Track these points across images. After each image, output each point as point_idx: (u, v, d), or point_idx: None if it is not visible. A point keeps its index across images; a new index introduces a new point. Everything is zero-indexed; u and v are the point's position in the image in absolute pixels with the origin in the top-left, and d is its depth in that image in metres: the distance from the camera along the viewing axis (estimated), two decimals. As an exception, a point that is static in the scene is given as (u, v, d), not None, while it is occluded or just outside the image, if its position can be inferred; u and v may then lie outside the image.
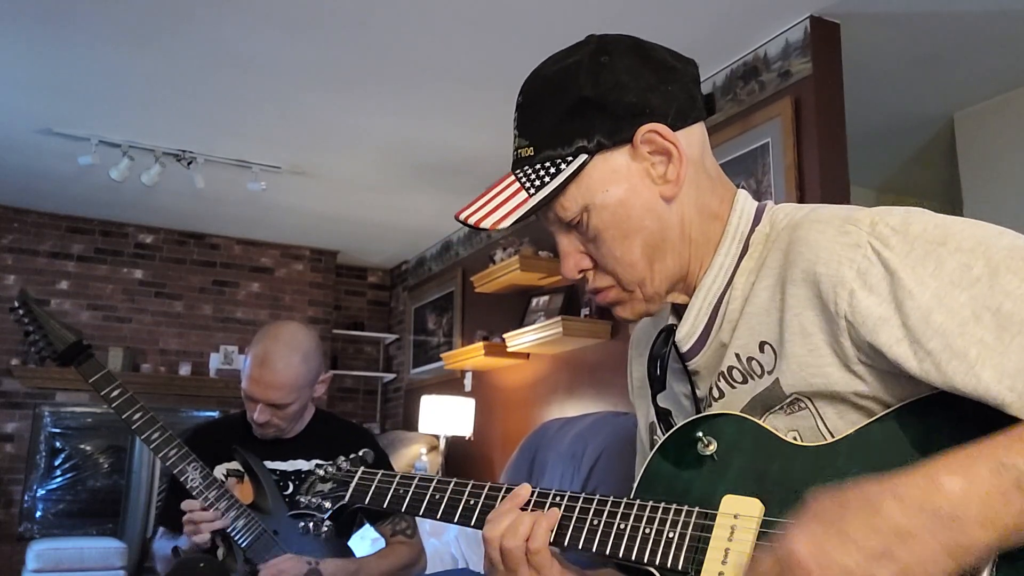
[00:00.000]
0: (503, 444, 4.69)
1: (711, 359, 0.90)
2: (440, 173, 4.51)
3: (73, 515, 5.25)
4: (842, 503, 0.65)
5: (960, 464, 0.64)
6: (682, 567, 0.78)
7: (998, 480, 0.62)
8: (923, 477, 0.64)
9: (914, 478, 0.64)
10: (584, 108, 0.86)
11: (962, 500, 0.62)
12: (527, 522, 0.86)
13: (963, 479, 0.63)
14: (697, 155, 0.90)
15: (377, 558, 2.00)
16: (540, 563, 0.85)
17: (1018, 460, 0.62)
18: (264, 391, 1.89)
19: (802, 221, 0.83)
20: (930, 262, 0.72)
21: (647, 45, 0.90)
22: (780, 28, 2.99)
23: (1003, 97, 3.51)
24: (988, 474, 0.62)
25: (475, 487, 0.97)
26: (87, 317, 5.48)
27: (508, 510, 0.89)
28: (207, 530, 1.76)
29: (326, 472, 1.13)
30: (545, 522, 0.86)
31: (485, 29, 3.04)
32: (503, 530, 0.87)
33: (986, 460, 0.63)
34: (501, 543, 0.86)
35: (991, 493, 0.62)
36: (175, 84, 3.57)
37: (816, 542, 0.64)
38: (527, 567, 0.85)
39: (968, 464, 0.63)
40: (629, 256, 0.88)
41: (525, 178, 0.87)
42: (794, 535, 0.66)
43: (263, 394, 1.89)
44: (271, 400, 1.90)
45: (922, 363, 0.71)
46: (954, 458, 0.64)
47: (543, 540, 0.85)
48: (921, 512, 0.62)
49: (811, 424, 0.81)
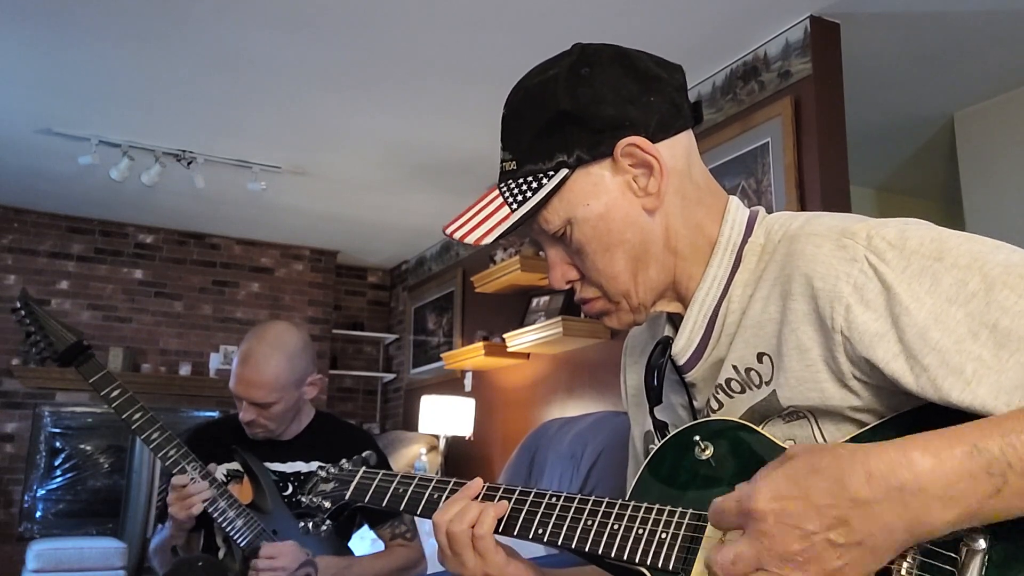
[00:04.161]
0: (503, 444, 4.69)
1: (708, 371, 0.90)
2: (440, 173, 4.51)
3: (73, 515, 5.26)
4: (814, 466, 0.66)
5: (935, 443, 0.64)
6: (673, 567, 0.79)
7: (969, 462, 0.63)
8: (897, 451, 0.65)
9: (887, 452, 0.65)
10: (563, 122, 0.86)
11: (929, 478, 0.63)
12: (474, 509, 0.91)
13: (934, 458, 0.63)
14: (682, 165, 0.89)
15: (372, 558, 2.00)
16: (484, 548, 0.89)
17: (991, 445, 0.63)
18: (247, 389, 1.90)
19: (798, 234, 0.83)
20: (926, 278, 0.72)
21: (631, 55, 0.89)
22: (780, 28, 2.99)
23: (1003, 97, 3.51)
24: (961, 455, 0.63)
25: None
26: (87, 317, 5.48)
27: (459, 499, 0.93)
28: (200, 500, 1.77)
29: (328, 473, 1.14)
30: (493, 511, 0.90)
31: (485, 29, 3.04)
32: (451, 516, 0.91)
33: (962, 442, 0.64)
34: (447, 527, 0.90)
35: (960, 473, 0.62)
36: (175, 84, 3.57)
37: (779, 498, 0.65)
38: (471, 551, 0.89)
39: (943, 444, 0.64)
40: (612, 269, 0.89)
41: (508, 192, 0.88)
42: (760, 485, 0.67)
43: (246, 392, 1.90)
44: (254, 399, 1.90)
45: (918, 379, 0.71)
46: (932, 437, 0.65)
47: (488, 526, 0.89)
48: (887, 485, 0.63)
49: (808, 433, 0.81)
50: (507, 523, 0.91)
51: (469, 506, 0.91)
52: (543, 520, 0.88)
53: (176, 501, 1.78)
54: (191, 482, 1.78)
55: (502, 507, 0.91)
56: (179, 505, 1.77)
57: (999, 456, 0.62)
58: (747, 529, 0.67)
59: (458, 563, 0.91)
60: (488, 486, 0.95)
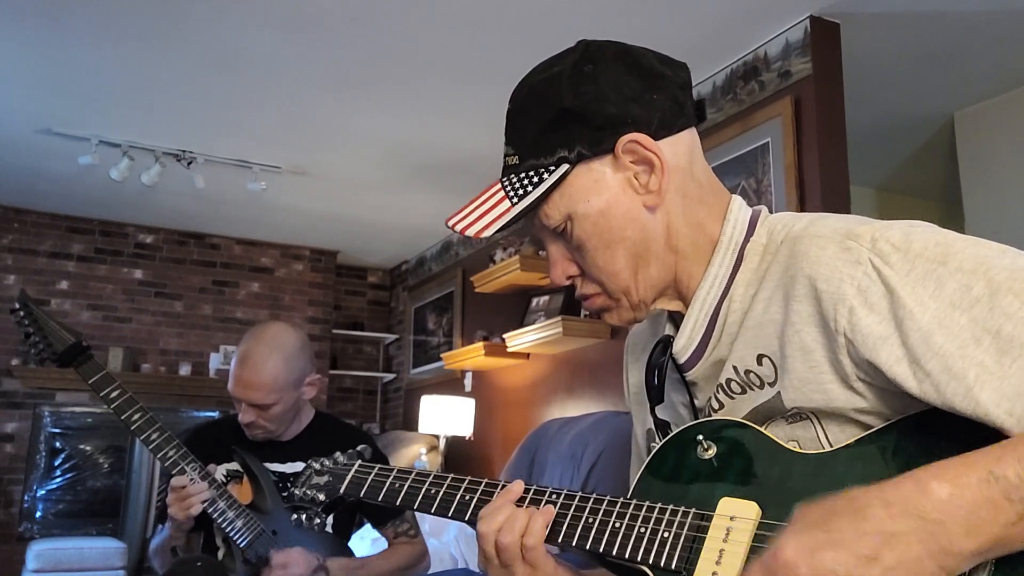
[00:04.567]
0: (503, 444, 4.69)
1: (709, 370, 0.90)
2: (440, 173, 4.51)
3: (73, 515, 5.25)
4: (830, 509, 0.65)
5: (951, 472, 0.64)
6: (675, 566, 0.78)
7: (987, 489, 0.62)
8: (912, 482, 0.64)
9: (903, 484, 0.64)
10: (565, 119, 0.86)
11: (949, 507, 0.62)
12: (522, 517, 0.86)
13: (952, 486, 0.63)
14: (684, 163, 0.89)
15: (381, 557, 2.00)
16: (535, 559, 0.85)
17: (1008, 471, 0.62)
18: (244, 391, 1.89)
19: (802, 235, 0.83)
20: (930, 282, 0.72)
21: (635, 52, 0.89)
22: (780, 28, 2.99)
23: (1003, 97, 3.50)
24: (977, 483, 0.62)
25: (471, 483, 0.97)
26: (87, 317, 5.48)
27: (502, 505, 0.89)
28: (198, 501, 1.76)
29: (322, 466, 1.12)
30: (541, 518, 0.86)
31: (485, 29, 3.04)
32: (499, 525, 0.86)
33: (977, 469, 0.63)
34: (497, 538, 0.86)
35: (979, 502, 0.62)
36: (175, 84, 3.56)
37: (804, 544, 0.64)
38: (522, 563, 0.85)
39: (959, 472, 0.63)
40: (612, 265, 0.89)
41: (510, 186, 0.89)
42: (782, 540, 0.66)
43: (244, 394, 1.89)
44: (252, 400, 1.89)
45: (921, 383, 0.71)
46: (946, 466, 0.65)
47: (539, 536, 0.85)
48: (908, 516, 0.62)
49: (811, 435, 0.81)
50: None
51: (516, 514, 0.87)
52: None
53: (175, 502, 1.78)
54: (190, 483, 1.78)
55: (549, 512, 0.87)
56: (178, 506, 1.77)
57: (1017, 483, 0.62)
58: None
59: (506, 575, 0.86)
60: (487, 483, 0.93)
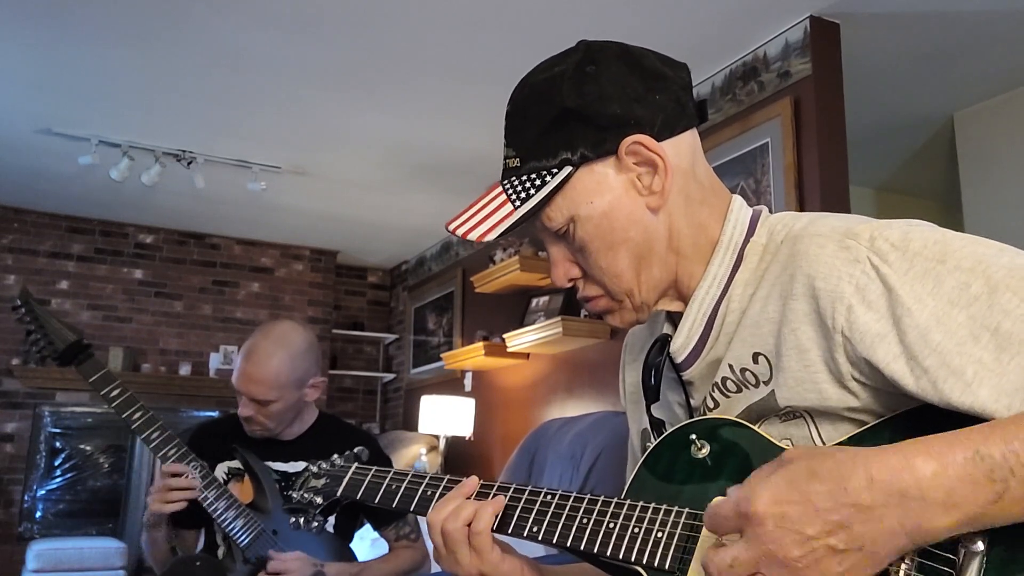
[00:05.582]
0: (503, 444, 4.69)
1: (706, 370, 0.90)
2: (440, 173, 4.51)
3: (73, 515, 5.26)
4: (814, 470, 0.65)
5: (938, 448, 0.64)
6: (669, 567, 0.78)
7: (971, 468, 0.62)
8: (898, 456, 0.65)
9: (889, 457, 0.65)
10: (568, 120, 0.85)
11: (932, 484, 0.63)
12: (469, 507, 0.90)
13: (937, 463, 0.63)
14: (686, 164, 0.89)
15: (380, 562, 2.00)
16: (481, 545, 0.89)
17: (993, 450, 0.62)
18: (247, 385, 1.89)
19: (802, 234, 0.83)
20: (929, 280, 0.72)
21: (637, 52, 0.89)
22: (780, 28, 2.99)
23: (1003, 97, 3.51)
24: (963, 461, 0.63)
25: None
26: (87, 317, 5.48)
27: (453, 496, 0.92)
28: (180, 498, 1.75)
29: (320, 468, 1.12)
30: (490, 507, 0.89)
31: (485, 29, 3.04)
32: (446, 514, 0.90)
33: (964, 447, 0.63)
34: (442, 526, 0.90)
35: (962, 479, 0.62)
36: (175, 84, 3.57)
37: (779, 502, 0.65)
38: (467, 548, 0.89)
39: (945, 449, 0.64)
40: (615, 267, 0.88)
41: (512, 189, 0.88)
42: (759, 488, 0.66)
43: (246, 387, 1.89)
44: (253, 394, 1.89)
45: (919, 380, 0.71)
46: (933, 442, 0.65)
47: (486, 523, 0.88)
48: (889, 491, 0.63)
49: (805, 433, 0.81)
50: (501, 521, 0.90)
51: (464, 504, 0.91)
52: (538, 518, 0.88)
53: (157, 491, 1.76)
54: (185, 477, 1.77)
55: (499, 503, 0.90)
56: (158, 496, 1.75)
57: (1001, 462, 0.62)
58: (745, 533, 0.66)
59: (453, 561, 0.90)
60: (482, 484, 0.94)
